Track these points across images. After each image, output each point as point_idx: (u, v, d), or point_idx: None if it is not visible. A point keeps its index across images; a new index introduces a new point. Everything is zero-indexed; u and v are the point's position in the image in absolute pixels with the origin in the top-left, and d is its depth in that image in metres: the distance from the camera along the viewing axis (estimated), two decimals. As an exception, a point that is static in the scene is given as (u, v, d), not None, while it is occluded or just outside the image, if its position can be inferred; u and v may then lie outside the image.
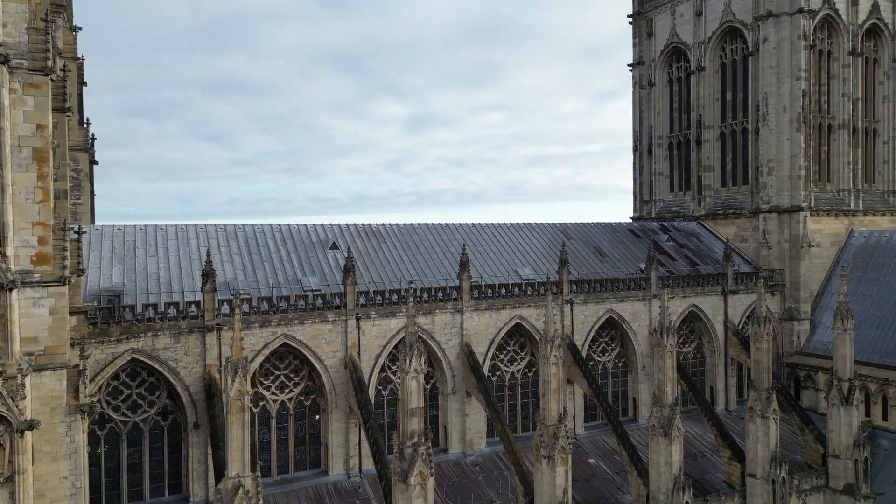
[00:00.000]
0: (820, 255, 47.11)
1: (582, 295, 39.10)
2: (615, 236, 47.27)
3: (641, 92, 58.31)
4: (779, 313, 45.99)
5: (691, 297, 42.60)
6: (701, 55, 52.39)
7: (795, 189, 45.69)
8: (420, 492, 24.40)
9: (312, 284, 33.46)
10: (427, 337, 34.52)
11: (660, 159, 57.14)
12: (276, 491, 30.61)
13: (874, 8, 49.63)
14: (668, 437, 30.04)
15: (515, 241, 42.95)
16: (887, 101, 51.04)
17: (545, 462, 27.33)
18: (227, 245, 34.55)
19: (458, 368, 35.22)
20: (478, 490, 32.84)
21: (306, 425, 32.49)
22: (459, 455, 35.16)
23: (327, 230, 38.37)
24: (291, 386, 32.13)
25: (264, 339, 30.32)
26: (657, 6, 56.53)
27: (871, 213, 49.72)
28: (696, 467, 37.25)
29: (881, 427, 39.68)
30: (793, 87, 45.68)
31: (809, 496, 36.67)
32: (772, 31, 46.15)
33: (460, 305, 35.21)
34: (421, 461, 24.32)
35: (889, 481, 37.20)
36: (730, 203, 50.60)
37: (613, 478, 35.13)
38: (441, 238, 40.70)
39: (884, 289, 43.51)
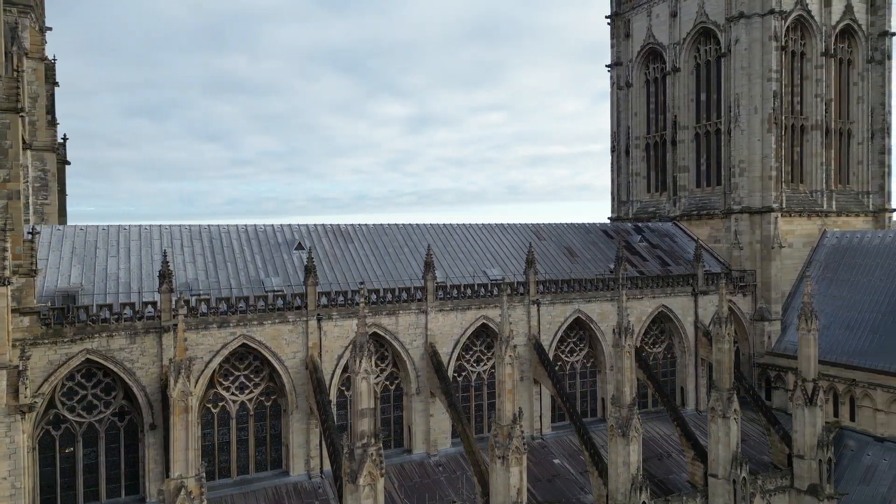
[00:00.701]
0: (792, 256, 47.21)
1: (549, 295, 39.14)
2: (588, 237, 47.32)
3: (619, 93, 58.43)
4: (750, 314, 46.09)
5: (661, 297, 42.67)
6: (676, 56, 52.50)
7: (766, 190, 45.78)
8: (369, 492, 24.41)
9: (275, 285, 33.46)
10: (391, 338, 34.58)
11: (637, 160, 57.24)
12: (235, 492, 30.62)
13: (847, 9, 49.74)
14: (626, 437, 30.07)
15: (486, 242, 42.97)
16: (861, 102, 51.16)
17: (499, 462, 27.35)
18: (190, 245, 34.52)
19: (422, 369, 35.24)
20: (439, 490, 32.86)
21: (267, 426, 32.49)
22: (423, 455, 35.18)
23: (294, 230, 38.37)
24: (252, 387, 32.12)
25: (223, 339, 30.31)
26: (634, 7, 56.65)
27: (844, 214, 49.82)
28: (662, 467, 37.34)
29: (849, 427, 39.77)
30: (764, 88, 45.78)
31: (774, 496, 36.78)
32: (743, 33, 46.24)
33: (424, 306, 35.23)
34: (370, 462, 24.32)
35: (855, 481, 37.29)
36: (704, 204, 50.70)
37: (577, 478, 35.17)
38: (410, 239, 40.71)
39: (854, 290, 43.61)
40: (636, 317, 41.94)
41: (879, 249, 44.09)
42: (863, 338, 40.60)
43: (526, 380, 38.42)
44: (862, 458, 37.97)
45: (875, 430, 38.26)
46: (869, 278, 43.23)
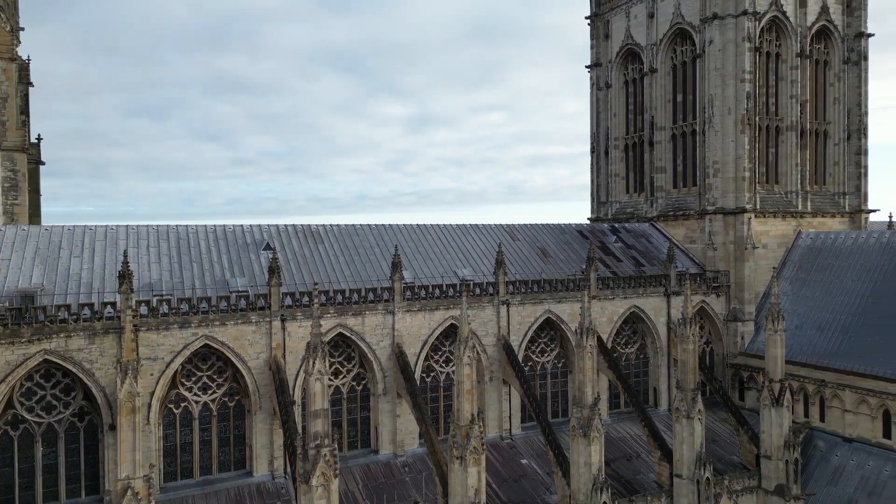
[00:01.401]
0: (766, 257, 47.29)
1: (519, 296, 39.17)
2: (562, 237, 47.36)
3: (599, 93, 58.52)
4: (724, 314, 46.17)
5: (632, 297, 42.72)
6: (653, 57, 52.59)
7: (740, 191, 45.86)
8: (323, 493, 24.42)
9: (240, 285, 33.46)
10: (357, 338, 34.58)
11: (616, 161, 57.32)
12: (196, 492, 30.61)
13: (823, 10, 49.84)
14: (588, 437, 30.11)
15: (459, 242, 42.99)
16: (838, 103, 51.26)
17: (458, 462, 27.38)
18: (156, 246, 34.49)
19: (389, 369, 35.24)
20: (403, 490, 32.88)
21: (230, 426, 32.47)
22: (390, 456, 35.19)
23: (264, 231, 38.36)
24: (215, 387, 32.10)
25: (184, 339, 30.28)
26: (613, 8, 56.74)
27: (820, 215, 49.91)
28: (630, 468, 37.40)
29: (819, 428, 39.83)
30: (737, 89, 45.86)
31: (742, 497, 36.84)
32: (717, 34, 46.33)
33: (391, 306, 35.23)
34: (323, 462, 24.33)
35: (823, 481, 37.36)
36: (680, 204, 50.78)
37: (543, 478, 35.20)
38: (382, 239, 40.71)
39: (826, 290, 43.70)
40: (608, 317, 42.07)
41: (852, 250, 44.19)
42: (833, 338, 40.70)
43: (495, 380, 38.47)
44: (831, 458, 38.06)
45: (844, 430, 38.34)
46: (841, 279, 43.33)
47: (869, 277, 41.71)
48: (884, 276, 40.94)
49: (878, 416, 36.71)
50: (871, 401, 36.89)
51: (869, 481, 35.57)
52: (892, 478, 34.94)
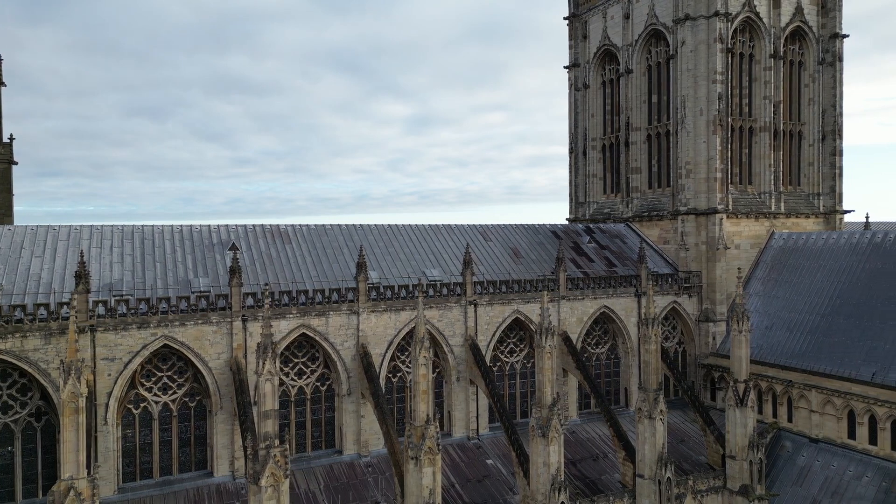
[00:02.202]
0: (739, 257, 47.38)
1: (487, 296, 39.21)
2: (535, 238, 47.41)
3: (577, 94, 58.57)
4: (696, 315, 46.25)
5: (602, 298, 42.77)
6: (629, 57, 52.66)
7: (712, 191, 45.95)
8: (272, 493, 24.42)
9: (202, 286, 33.45)
10: (321, 338, 34.60)
11: (593, 161, 57.38)
12: (155, 493, 30.60)
13: (797, 11, 49.94)
14: (546, 437, 30.14)
15: (430, 243, 43.00)
16: (813, 104, 51.36)
17: (413, 463, 27.42)
18: (120, 246, 34.47)
19: (353, 370, 35.26)
20: (365, 491, 32.90)
21: (191, 427, 32.46)
22: (354, 456, 35.21)
23: (231, 231, 38.35)
24: (175, 388, 32.09)
25: (143, 340, 30.28)
26: (591, 9, 56.79)
27: (794, 216, 50.02)
28: (596, 468, 37.45)
29: (786, 428, 39.91)
30: (709, 90, 45.95)
31: (707, 497, 36.92)
32: (689, 35, 46.41)
33: (356, 307, 35.25)
34: (273, 463, 24.32)
35: (788, 482, 37.44)
36: (654, 205, 50.86)
37: (507, 478, 35.24)
38: (351, 239, 40.72)
39: (796, 291, 43.79)
40: (577, 317, 42.14)
41: (823, 251, 44.29)
42: (801, 339, 40.79)
43: (462, 380, 38.51)
44: (797, 459, 38.13)
45: (811, 431, 38.41)
46: (811, 280, 43.43)
47: (837, 278, 41.81)
48: (852, 277, 41.04)
49: (844, 417, 36.79)
50: (837, 401, 36.98)
51: (833, 482, 35.65)
52: (854, 478, 35.02)
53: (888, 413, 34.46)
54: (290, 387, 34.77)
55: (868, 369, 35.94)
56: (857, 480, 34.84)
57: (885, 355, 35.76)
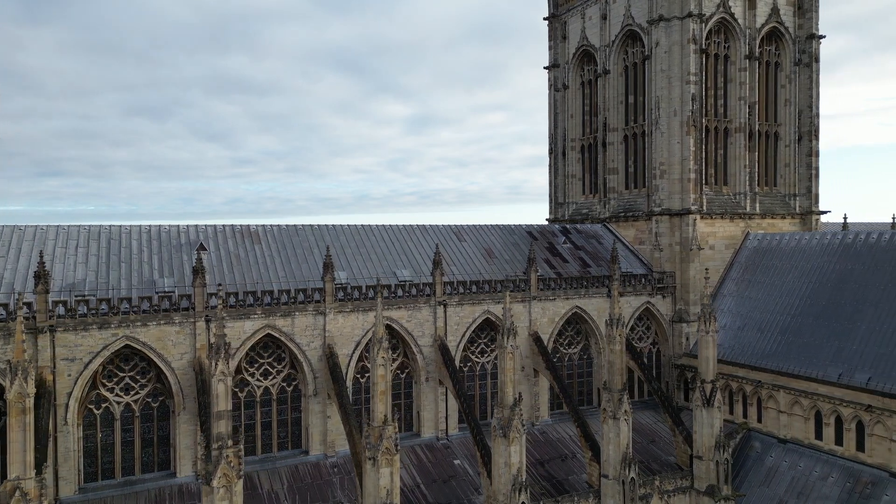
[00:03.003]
0: (714, 258, 47.45)
1: (457, 296, 39.23)
2: (510, 238, 47.42)
3: (556, 94, 58.62)
4: (669, 315, 46.30)
5: (575, 298, 42.81)
6: (606, 58, 52.72)
7: (685, 192, 46.01)
8: (225, 494, 24.44)
9: (167, 286, 33.43)
10: (286, 339, 34.60)
11: (573, 162, 57.45)
12: (117, 493, 30.58)
13: (773, 12, 50.00)
14: (507, 437, 30.16)
15: (402, 244, 43.00)
16: (789, 105, 51.44)
17: (370, 463, 27.44)
18: (86, 246, 34.43)
19: (320, 370, 35.26)
20: (329, 491, 32.91)
21: (154, 427, 32.45)
22: (320, 456, 35.21)
23: (200, 231, 38.32)
24: (138, 388, 32.07)
25: (104, 340, 30.26)
26: (570, 9, 56.84)
27: (770, 216, 50.10)
28: (564, 468, 37.50)
29: (756, 429, 39.98)
30: (683, 90, 46.01)
31: (674, 497, 36.99)
32: (663, 36, 46.47)
33: (322, 307, 35.26)
34: (225, 463, 24.34)
35: (756, 482, 37.50)
36: (630, 205, 50.91)
37: (473, 479, 35.26)
38: (322, 240, 40.67)
39: (768, 291, 43.85)
40: (549, 318, 42.18)
41: (795, 252, 44.36)
42: (772, 339, 40.85)
43: (431, 380, 38.54)
44: (765, 459, 38.21)
45: (779, 431, 38.49)
46: (783, 280, 43.49)
47: (808, 279, 41.89)
48: (822, 278, 41.12)
49: (811, 417, 36.87)
50: (804, 402, 37.06)
51: (799, 482, 35.73)
52: (820, 479, 35.11)
53: (853, 414, 34.54)
54: (256, 387, 34.77)
55: (835, 370, 36.00)
56: (822, 481, 34.93)
57: (852, 356, 35.83)
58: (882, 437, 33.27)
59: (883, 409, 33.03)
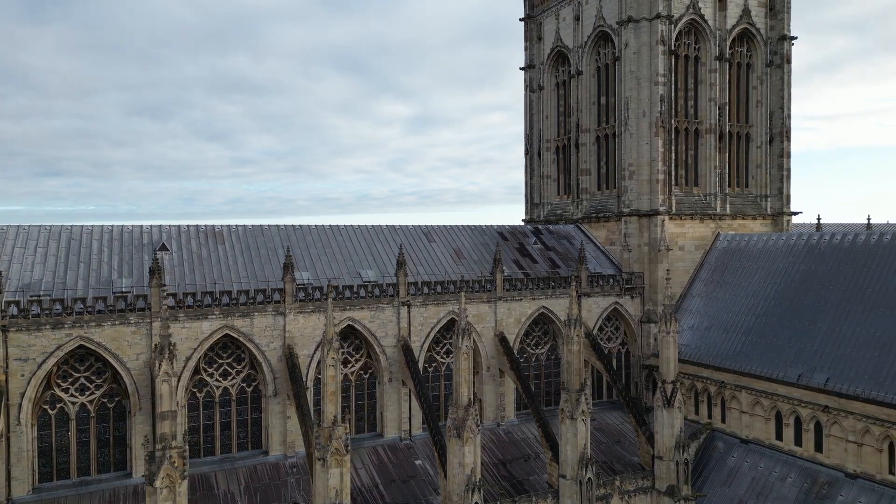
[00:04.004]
0: (684, 259, 47.56)
1: (421, 297, 39.27)
2: (480, 239, 47.46)
3: (532, 95, 58.70)
4: (638, 316, 46.38)
5: (541, 299, 42.86)
6: (579, 59, 52.81)
7: (654, 193, 46.09)
8: (168, 494, 24.51)
9: (125, 286, 33.42)
10: (245, 339, 34.61)
11: (548, 163, 57.53)
12: (71, 493, 30.58)
13: (745, 13, 50.11)
14: (461, 438, 30.21)
15: (370, 244, 43.01)
16: (760, 106, 51.54)
17: (319, 464, 27.47)
18: (45, 246, 34.41)
19: (279, 371, 35.27)
20: (287, 491, 32.92)
21: (110, 427, 32.44)
22: (280, 457, 35.21)
23: (163, 231, 38.30)
24: (93, 388, 32.06)
25: (57, 340, 30.25)
26: (545, 10, 56.93)
27: (741, 217, 50.21)
28: (525, 468, 37.56)
29: (720, 429, 40.08)
30: (652, 91, 46.10)
31: (635, 497, 37.08)
32: (632, 37, 46.56)
33: (282, 308, 35.27)
34: (168, 464, 24.41)
35: (718, 482, 37.60)
36: (602, 206, 50.99)
37: (433, 479, 35.28)
38: (288, 240, 40.65)
39: (735, 292, 43.93)
40: (515, 318, 42.24)
41: (762, 252, 44.45)
42: (736, 340, 40.92)
43: (395, 381, 38.56)
44: (728, 459, 38.31)
45: (741, 432, 38.59)
46: (749, 280, 43.58)
47: (774, 279, 41.99)
48: (787, 278, 41.21)
49: (772, 418, 36.97)
50: (765, 402, 37.17)
51: (759, 483, 35.84)
52: (779, 479, 35.22)
53: (811, 414, 34.65)
54: (215, 388, 34.77)
55: (795, 370, 36.10)
56: (781, 482, 35.04)
57: (812, 356, 35.94)
58: (839, 438, 33.38)
59: (839, 409, 33.14)
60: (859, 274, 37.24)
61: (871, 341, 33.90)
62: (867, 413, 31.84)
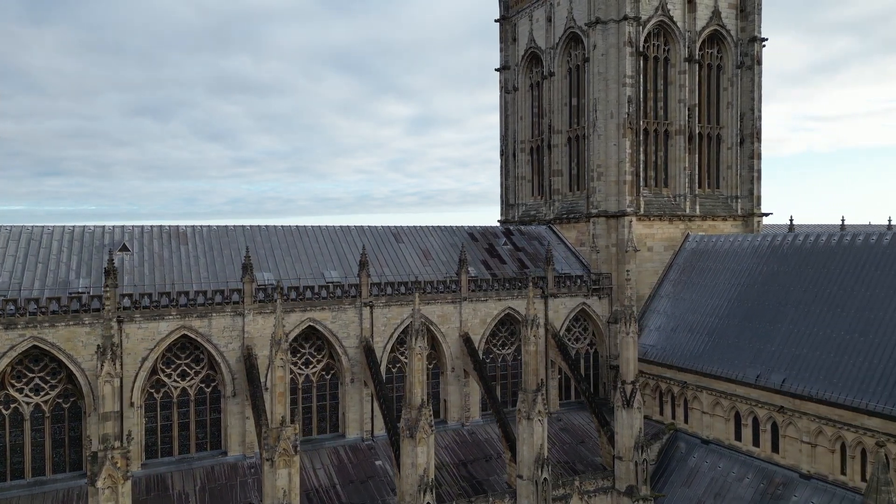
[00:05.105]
0: (652, 259, 47.70)
1: (384, 297, 39.35)
2: (451, 240, 47.52)
3: (507, 96, 58.82)
4: (606, 316, 46.49)
5: (507, 299, 42.95)
6: (551, 60, 52.92)
7: (622, 194, 46.20)
8: (110, 495, 24.55)
9: (81, 286, 33.45)
10: (203, 340, 34.66)
11: (522, 164, 57.64)
12: (24, 493, 30.60)
13: (715, 15, 50.26)
14: (414, 438, 30.24)
15: (336, 244, 43.05)
16: (731, 107, 51.69)
17: (267, 465, 27.52)
18: (3, 247, 34.38)
19: (238, 372, 35.32)
20: (243, 492, 32.96)
21: (65, 427, 32.47)
22: (239, 457, 35.26)
23: (126, 232, 38.31)
24: (48, 388, 32.09)
25: (10, 340, 30.29)
26: (519, 11, 57.06)
27: (710, 218, 50.35)
28: (486, 468, 37.64)
29: (682, 429, 40.22)
30: (620, 93, 46.21)
31: (595, 497, 37.17)
32: (600, 38, 46.69)
33: (241, 308, 35.33)
34: (110, 465, 24.44)
35: (678, 483, 37.72)
36: (573, 207, 51.12)
37: (393, 479, 35.32)
38: (253, 241, 40.68)
39: (701, 293, 44.06)
40: (480, 319, 42.34)
41: (728, 253, 44.57)
42: (700, 341, 41.05)
43: (357, 381, 38.63)
44: (689, 459, 38.44)
45: (702, 432, 38.73)
46: (715, 281, 43.72)
47: (738, 280, 42.11)
48: (751, 279, 41.33)
49: (731, 419, 37.12)
50: (724, 403, 37.31)
51: (717, 483, 35.97)
52: (737, 480, 35.34)
53: (768, 415, 34.80)
54: (173, 388, 34.81)
55: (753, 371, 36.23)
56: (738, 482, 35.17)
57: (770, 357, 36.06)
58: (794, 439, 33.52)
59: (794, 410, 33.28)
60: (819, 274, 37.38)
61: (827, 342, 34.05)
62: (820, 414, 32.01)
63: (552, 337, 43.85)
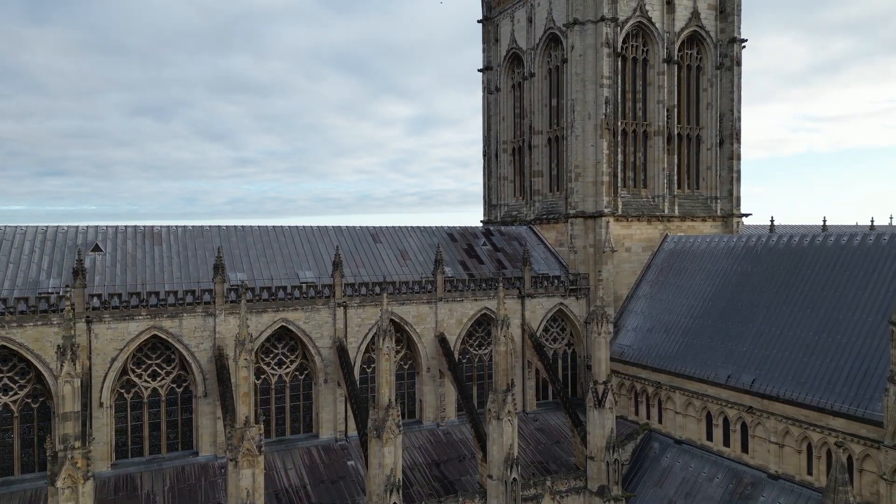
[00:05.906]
0: (631, 260, 47.78)
1: (358, 298, 39.40)
2: (429, 240, 47.53)
3: (489, 97, 58.88)
4: (583, 317, 46.58)
5: (484, 300, 43.01)
6: (532, 61, 53.00)
7: (599, 195, 46.29)
8: (70, 495, 24.55)
9: (51, 286, 33.46)
10: (174, 340, 34.69)
11: (504, 164, 57.71)
12: (-9, 493, 30.64)
13: (694, 16, 50.35)
14: (381, 439, 30.33)
15: (313, 245, 43.07)
16: (711, 108, 51.78)
17: (232, 465, 27.58)
18: (-26, 247, 34.45)
19: (209, 372, 35.34)
20: (213, 492, 32.99)
21: (35, 427, 32.48)
22: (210, 457, 35.29)
23: (99, 232, 38.30)
24: (17, 388, 32.09)
25: (-23, 341, 30.33)
26: (502, 12, 57.11)
27: (690, 219, 50.43)
28: (459, 468, 37.71)
29: (656, 430, 40.33)
30: (597, 94, 46.29)
31: (567, 497, 37.26)
32: (578, 39, 46.77)
33: (213, 309, 35.35)
34: (70, 465, 24.46)
35: (651, 483, 37.83)
36: (552, 207, 51.20)
37: (364, 480, 35.35)
38: (228, 241, 40.72)
39: (677, 293, 44.15)
40: (456, 319, 42.41)
41: (705, 254, 44.66)
42: (675, 341, 41.14)
43: (330, 382, 38.68)
44: (661, 460, 38.53)
45: (676, 432, 38.84)
46: (690, 282, 43.82)
47: (713, 281, 42.21)
48: (725, 280, 41.43)
49: (703, 419, 37.23)
50: (696, 403, 37.42)
51: (688, 483, 36.08)
52: (707, 480, 35.46)
53: (737, 415, 34.92)
54: (143, 388, 34.84)
55: (725, 371, 36.33)
56: (709, 482, 35.29)
57: (741, 357, 36.15)
58: (762, 439, 33.64)
59: (762, 410, 33.40)
60: (790, 275, 37.48)
61: (796, 343, 34.15)
62: (787, 414, 32.12)
63: (529, 337, 43.94)
